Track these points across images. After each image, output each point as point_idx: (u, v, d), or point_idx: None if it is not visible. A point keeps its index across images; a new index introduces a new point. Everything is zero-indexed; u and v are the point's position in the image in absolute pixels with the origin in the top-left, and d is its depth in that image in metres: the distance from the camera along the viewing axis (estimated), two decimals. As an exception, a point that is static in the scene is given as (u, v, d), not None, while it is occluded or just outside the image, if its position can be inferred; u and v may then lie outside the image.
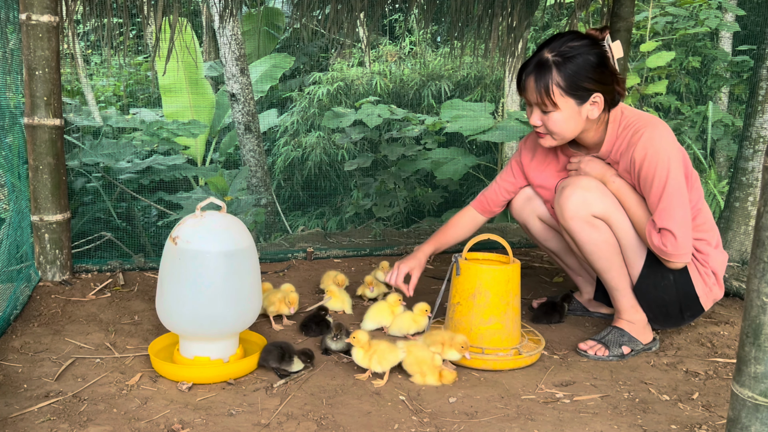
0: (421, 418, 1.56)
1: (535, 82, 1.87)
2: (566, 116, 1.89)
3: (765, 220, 1.06)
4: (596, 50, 1.86)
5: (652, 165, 1.83)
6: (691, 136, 5.48)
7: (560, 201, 1.97)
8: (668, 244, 1.83)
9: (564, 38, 1.88)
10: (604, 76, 1.86)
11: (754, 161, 3.09)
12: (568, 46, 1.85)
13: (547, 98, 1.87)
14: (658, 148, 1.83)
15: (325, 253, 3.10)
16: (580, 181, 1.95)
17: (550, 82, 1.85)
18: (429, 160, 4.89)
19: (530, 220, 2.26)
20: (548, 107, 1.88)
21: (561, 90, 1.85)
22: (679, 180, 1.83)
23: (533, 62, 1.89)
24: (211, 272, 1.66)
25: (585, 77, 1.84)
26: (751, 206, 3.11)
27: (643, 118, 1.92)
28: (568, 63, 1.83)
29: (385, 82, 6.40)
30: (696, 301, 1.98)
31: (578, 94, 1.86)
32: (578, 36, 1.88)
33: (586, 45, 1.85)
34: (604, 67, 1.86)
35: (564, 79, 1.84)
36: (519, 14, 3.52)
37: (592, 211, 1.92)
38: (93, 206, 4.12)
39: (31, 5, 2.25)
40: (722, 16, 5.55)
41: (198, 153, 5.84)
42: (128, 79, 7.03)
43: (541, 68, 1.86)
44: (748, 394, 1.10)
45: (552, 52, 1.86)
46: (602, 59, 1.86)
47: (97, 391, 1.63)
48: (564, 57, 1.84)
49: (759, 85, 3.03)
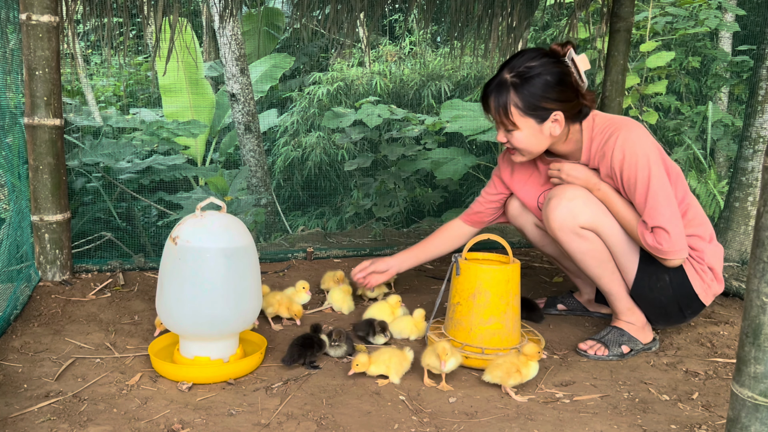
0: (421, 418, 1.56)
1: (494, 103, 1.89)
2: (527, 135, 1.91)
3: (765, 220, 1.06)
4: (555, 69, 1.85)
5: (632, 167, 1.83)
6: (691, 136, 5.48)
7: (547, 212, 1.97)
8: (663, 241, 1.82)
9: (524, 57, 1.88)
10: (563, 94, 1.86)
11: (754, 161, 3.09)
12: (526, 66, 1.85)
13: (506, 118, 1.89)
14: (634, 149, 1.83)
15: (325, 253, 3.10)
16: (565, 192, 1.94)
17: (508, 102, 1.86)
18: (429, 160, 4.89)
19: (526, 227, 2.27)
20: (509, 127, 1.90)
21: (519, 110, 1.87)
22: (661, 176, 1.83)
23: (494, 82, 1.90)
24: (211, 272, 1.66)
25: (542, 97, 1.84)
26: (751, 206, 3.11)
27: (615, 121, 1.92)
28: (525, 84, 1.84)
29: (385, 82, 6.40)
30: (695, 299, 1.98)
31: (537, 114, 1.87)
32: (539, 54, 1.88)
33: (545, 64, 1.85)
34: (564, 85, 1.86)
35: (521, 99, 1.85)
36: (519, 14, 3.52)
37: (579, 222, 1.91)
38: (93, 206, 4.12)
39: (31, 5, 2.26)
40: (722, 16, 5.55)
41: (198, 153, 5.85)
42: (128, 79, 7.03)
43: (500, 89, 1.88)
44: (747, 394, 1.10)
45: (510, 72, 1.87)
46: (561, 77, 1.85)
47: (97, 391, 1.63)
48: (522, 77, 1.85)
49: (759, 85, 3.03)
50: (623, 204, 1.91)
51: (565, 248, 1.99)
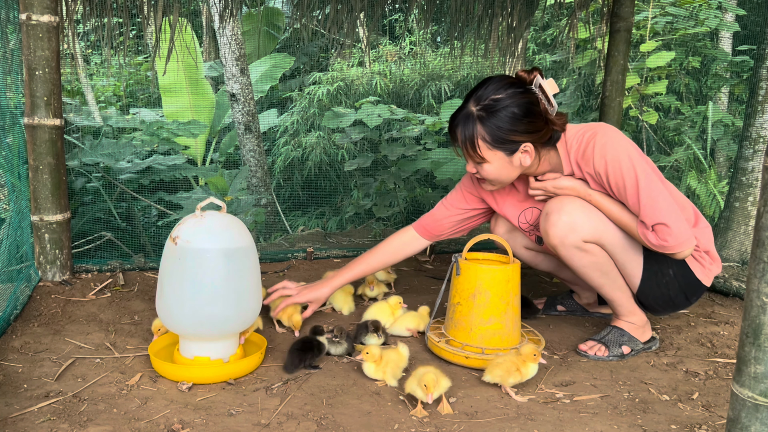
0: (421, 418, 1.55)
1: (460, 135, 1.84)
2: (497, 167, 1.87)
3: (765, 220, 1.06)
4: (522, 99, 1.80)
5: (617, 171, 1.79)
6: (691, 136, 5.48)
7: (546, 228, 1.91)
8: (667, 237, 1.76)
9: (489, 87, 1.82)
10: (531, 125, 1.81)
11: (754, 161, 3.09)
12: (492, 99, 1.79)
13: (473, 152, 1.84)
14: (615, 152, 1.79)
15: (325, 253, 3.10)
16: (563, 206, 1.88)
17: (475, 136, 1.81)
18: (429, 160, 4.89)
19: (517, 249, 2.23)
20: (477, 159, 1.86)
21: (487, 144, 1.82)
22: (647, 173, 1.79)
23: (460, 114, 1.85)
24: (211, 272, 1.66)
25: (510, 130, 1.80)
26: (751, 206, 3.11)
27: (586, 129, 1.88)
28: (492, 117, 1.79)
29: (385, 82, 6.40)
30: (699, 285, 1.98)
31: (505, 147, 1.83)
32: (505, 83, 1.81)
33: (511, 96, 1.79)
34: (531, 115, 1.81)
35: (488, 133, 1.81)
36: (519, 14, 3.52)
37: (582, 236, 1.87)
38: (93, 206, 4.12)
39: (31, 5, 2.26)
40: (722, 16, 5.55)
41: (198, 153, 5.85)
42: (128, 79, 7.03)
43: (466, 122, 1.82)
44: (748, 394, 1.10)
45: (476, 104, 1.82)
46: (529, 108, 1.80)
47: (97, 391, 1.63)
48: (488, 111, 1.80)
49: (759, 85, 3.03)
50: (618, 208, 1.86)
51: (567, 263, 1.95)
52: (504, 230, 2.23)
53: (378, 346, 1.78)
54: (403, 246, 2.23)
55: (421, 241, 2.24)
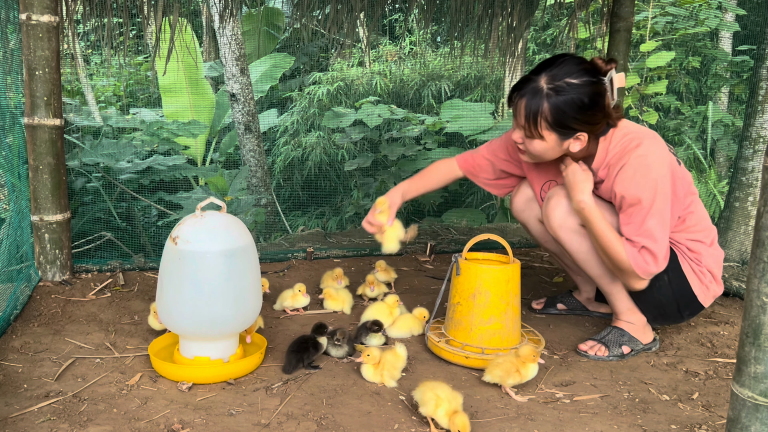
0: (421, 417, 1.55)
1: (524, 108, 1.83)
2: (546, 147, 1.88)
3: (765, 220, 1.06)
4: (593, 90, 1.79)
5: (638, 189, 1.81)
6: (691, 136, 5.48)
7: (546, 211, 1.97)
8: (650, 262, 1.83)
9: (564, 69, 1.81)
10: (593, 117, 1.82)
11: (754, 161, 3.09)
12: (565, 81, 1.79)
13: (533, 127, 1.84)
14: (647, 173, 1.81)
15: (325, 253, 3.10)
16: (564, 192, 1.94)
17: (539, 114, 1.81)
18: (429, 160, 4.89)
19: (530, 221, 2.25)
20: (532, 134, 1.86)
21: (547, 124, 1.83)
22: (662, 205, 1.81)
23: (529, 86, 1.83)
24: (211, 272, 1.66)
25: (573, 118, 1.80)
26: (751, 206, 3.11)
27: (632, 137, 1.87)
28: (560, 101, 1.79)
29: (385, 82, 6.40)
30: (693, 300, 1.98)
31: (562, 131, 1.84)
32: (581, 69, 1.80)
33: (584, 84, 1.79)
34: (596, 107, 1.81)
35: (552, 114, 1.80)
36: (519, 14, 3.52)
37: (579, 220, 1.91)
38: (93, 206, 4.12)
39: (31, 5, 2.26)
40: (722, 16, 5.55)
41: (198, 153, 5.85)
42: (128, 79, 7.03)
43: (534, 96, 1.81)
44: (748, 394, 1.10)
45: (549, 82, 1.80)
46: (595, 100, 1.80)
47: (97, 391, 1.63)
48: (558, 92, 1.79)
49: (759, 85, 3.03)
50: (605, 223, 1.88)
51: (566, 247, 1.99)
52: (524, 199, 2.24)
53: (379, 348, 1.78)
54: (445, 173, 2.28)
55: (458, 172, 2.29)
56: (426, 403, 1.50)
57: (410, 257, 3.13)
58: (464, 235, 3.84)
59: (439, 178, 2.29)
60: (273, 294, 2.38)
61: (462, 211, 4.88)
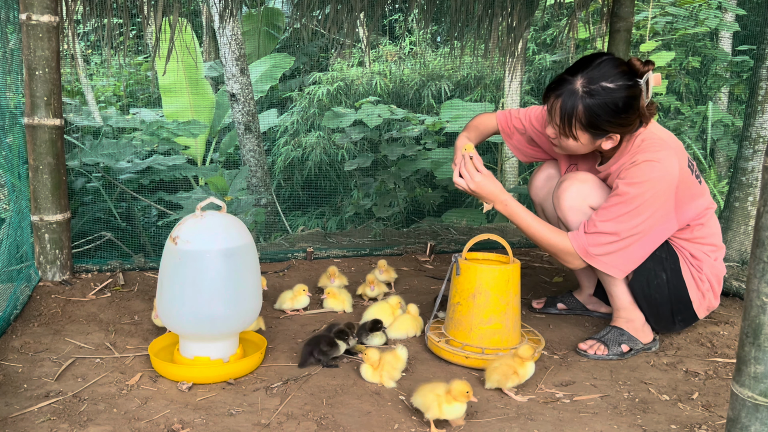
0: (421, 417, 1.55)
1: (560, 108, 1.86)
2: (578, 145, 1.93)
3: (765, 220, 1.06)
4: (628, 93, 1.81)
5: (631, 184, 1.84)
6: (691, 136, 5.48)
7: (558, 193, 2.02)
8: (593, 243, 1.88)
9: (602, 71, 1.82)
10: (627, 119, 1.84)
11: (754, 161, 3.09)
12: (601, 85, 1.80)
13: (567, 128, 1.87)
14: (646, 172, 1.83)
15: (325, 253, 3.10)
16: (577, 174, 2.01)
17: (574, 116, 1.84)
18: (429, 160, 4.89)
19: (546, 202, 2.27)
20: (566, 134, 1.90)
21: (581, 125, 1.86)
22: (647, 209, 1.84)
23: (565, 87, 1.85)
24: (211, 272, 1.66)
25: (607, 121, 1.83)
26: (751, 206, 3.11)
27: (656, 148, 1.87)
28: (595, 104, 1.81)
29: (385, 82, 6.40)
30: (688, 306, 1.99)
31: (595, 132, 1.87)
32: (617, 72, 1.81)
33: (620, 89, 1.80)
34: (630, 110, 1.83)
35: (586, 117, 1.83)
36: (519, 14, 3.52)
37: (589, 202, 1.96)
38: (93, 206, 4.12)
39: (31, 5, 2.26)
40: (722, 16, 5.55)
41: (198, 153, 5.84)
42: (128, 79, 7.03)
43: (569, 97, 1.83)
44: (747, 394, 1.10)
45: (585, 85, 1.82)
46: (630, 103, 1.82)
47: (97, 391, 1.63)
48: (593, 96, 1.81)
49: (759, 85, 3.03)
50: (532, 217, 1.96)
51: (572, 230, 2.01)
52: (544, 177, 2.27)
53: (378, 348, 1.78)
54: (487, 124, 2.30)
55: (496, 128, 2.31)
56: (430, 407, 1.50)
57: (410, 257, 3.14)
58: (464, 235, 3.84)
59: (483, 129, 2.30)
60: (272, 293, 2.38)
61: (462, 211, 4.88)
